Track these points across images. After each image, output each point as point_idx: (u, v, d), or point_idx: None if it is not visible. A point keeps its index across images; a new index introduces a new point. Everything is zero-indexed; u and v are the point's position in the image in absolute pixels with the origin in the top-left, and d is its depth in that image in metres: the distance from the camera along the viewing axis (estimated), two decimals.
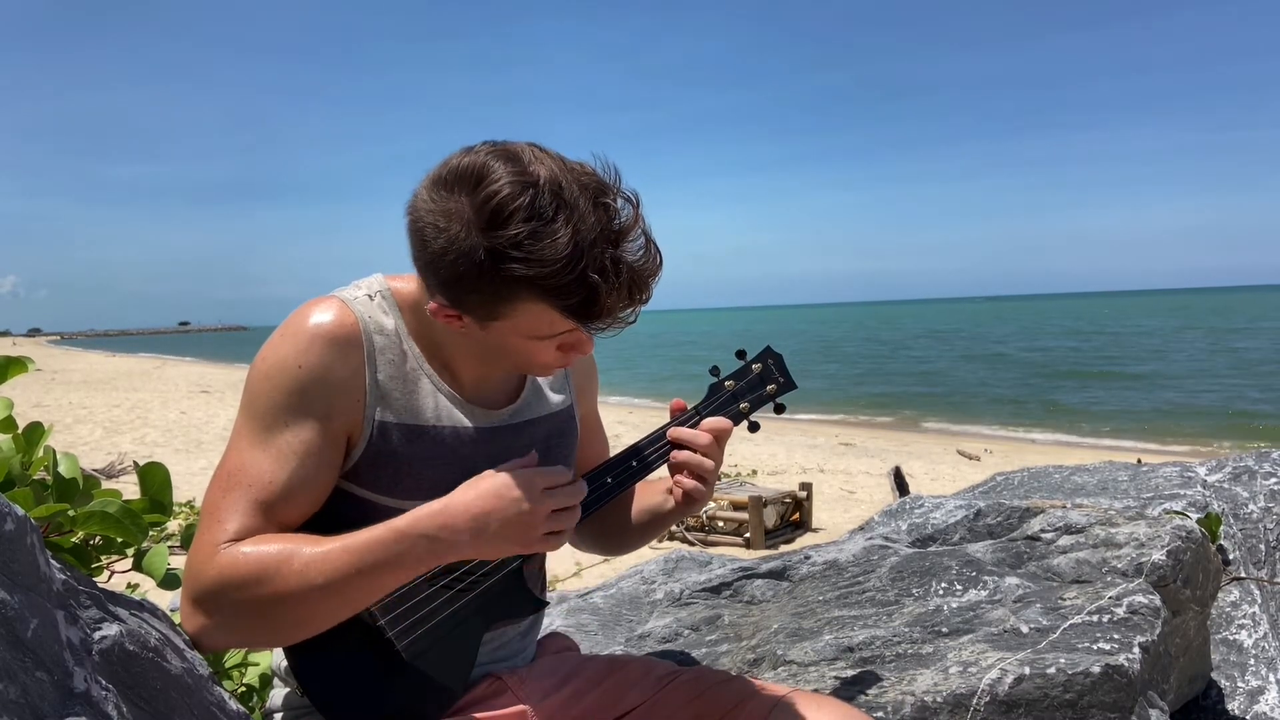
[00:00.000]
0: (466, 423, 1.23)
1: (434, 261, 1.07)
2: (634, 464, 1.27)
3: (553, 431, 1.33)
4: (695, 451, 1.25)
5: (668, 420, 1.30)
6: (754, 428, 1.35)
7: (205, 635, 1.08)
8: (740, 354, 1.35)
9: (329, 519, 1.15)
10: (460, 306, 1.10)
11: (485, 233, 1.02)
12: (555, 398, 1.37)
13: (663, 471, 1.31)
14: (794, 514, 9.56)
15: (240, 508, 1.09)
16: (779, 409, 1.36)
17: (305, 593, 1.04)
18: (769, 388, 1.34)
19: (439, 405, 1.21)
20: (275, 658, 1.27)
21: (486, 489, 1.08)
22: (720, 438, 1.27)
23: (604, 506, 1.42)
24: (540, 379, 1.36)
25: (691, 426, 1.29)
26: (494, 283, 1.04)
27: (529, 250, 1.01)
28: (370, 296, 1.21)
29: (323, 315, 1.15)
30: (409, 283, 1.24)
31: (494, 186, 1.02)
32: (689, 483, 1.26)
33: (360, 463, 1.16)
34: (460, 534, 1.06)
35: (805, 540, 8.97)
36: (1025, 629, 1.57)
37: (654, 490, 1.38)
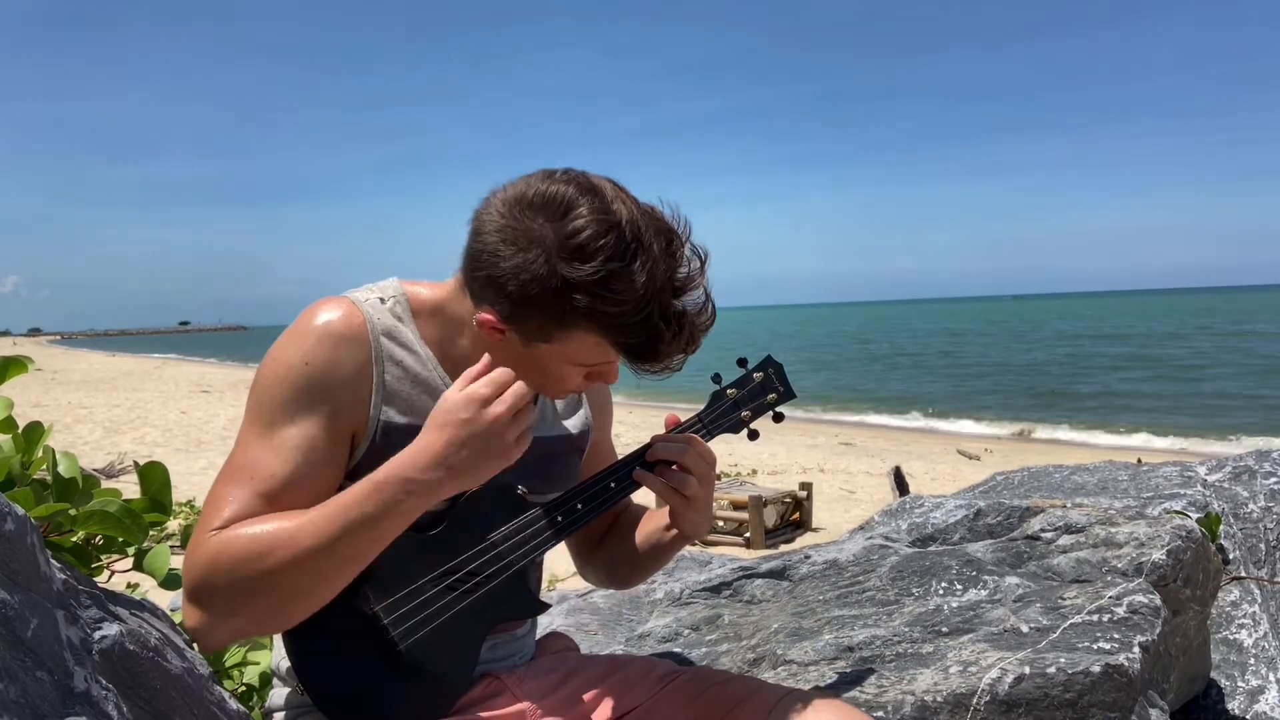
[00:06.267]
0: None
1: (503, 278, 1.09)
2: (611, 485, 1.26)
3: (556, 452, 1.33)
4: (680, 464, 1.25)
5: (663, 431, 1.30)
6: (754, 435, 1.36)
7: (207, 628, 1.06)
8: (741, 362, 1.37)
9: None
10: (515, 323, 1.12)
11: (566, 263, 1.06)
12: (567, 421, 1.37)
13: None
14: (794, 514, 9.56)
15: (239, 497, 1.09)
16: (778, 418, 1.39)
17: (298, 560, 1.04)
18: (769, 396, 1.36)
19: None
20: (275, 657, 1.27)
21: (439, 420, 1.08)
22: (708, 458, 1.26)
23: (614, 538, 1.44)
24: (557, 402, 1.37)
25: (697, 432, 1.30)
26: (560, 311, 1.08)
27: (605, 287, 1.06)
28: (382, 300, 1.21)
29: (330, 314, 1.16)
30: (430, 289, 1.24)
31: (580, 222, 1.06)
32: (670, 499, 1.26)
33: (363, 462, 1.17)
34: (434, 470, 1.05)
35: (805, 540, 8.97)
36: (1025, 628, 1.57)
37: (656, 521, 1.38)
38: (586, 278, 1.05)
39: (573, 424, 1.38)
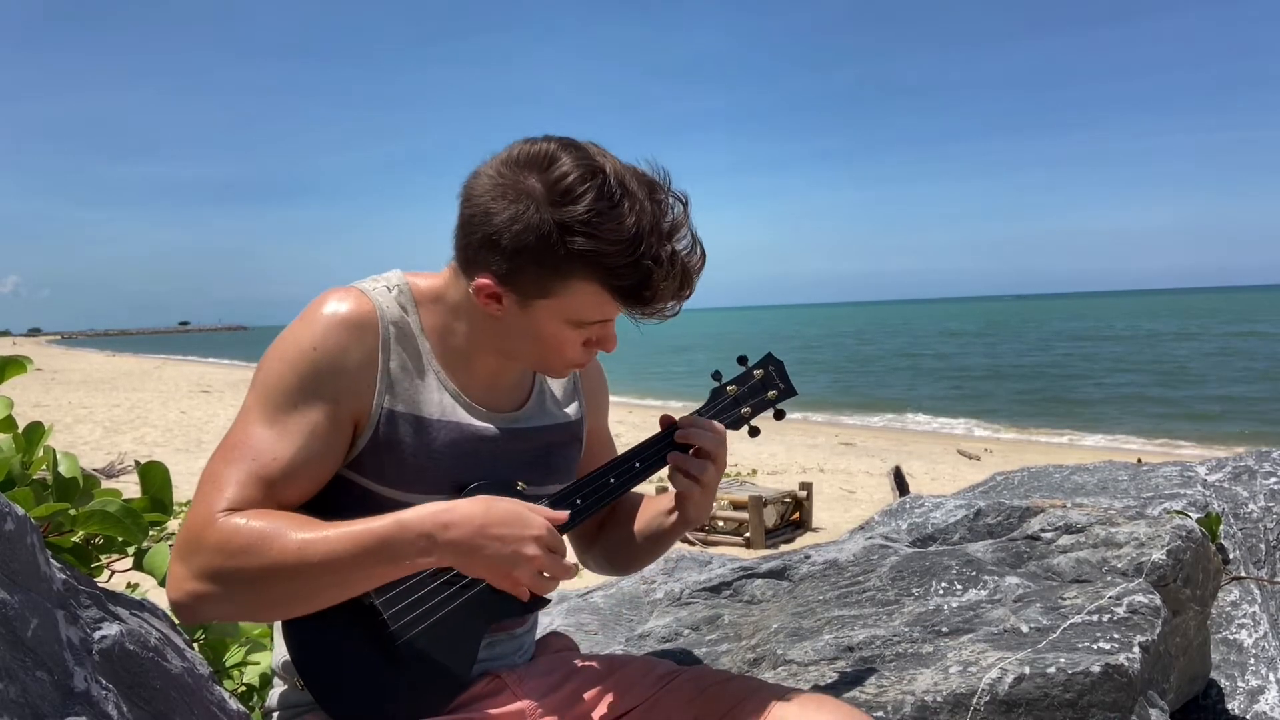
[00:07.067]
0: (470, 422, 1.24)
1: (498, 232, 1.11)
2: (636, 464, 1.27)
3: (555, 442, 1.34)
4: (702, 449, 1.27)
5: (655, 433, 1.30)
6: (754, 433, 1.36)
7: (194, 603, 1.06)
8: (742, 360, 1.36)
9: (329, 507, 1.15)
10: (512, 280, 1.13)
11: (555, 208, 1.09)
12: (565, 410, 1.38)
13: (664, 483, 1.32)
14: (794, 514, 9.57)
15: (241, 478, 1.09)
16: (779, 415, 1.38)
17: (299, 569, 1.04)
18: (770, 393, 1.36)
19: (444, 402, 1.22)
20: (275, 655, 1.27)
21: (501, 510, 1.10)
22: (725, 445, 1.29)
23: (613, 524, 1.44)
24: (552, 389, 1.38)
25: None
26: (555, 257, 1.09)
27: (595, 227, 1.08)
28: (388, 289, 1.23)
29: (340, 302, 1.17)
30: (428, 279, 1.26)
31: (565, 168, 1.10)
32: (684, 483, 1.27)
33: (365, 451, 1.17)
34: (457, 540, 1.07)
35: (805, 540, 8.97)
36: (1025, 628, 1.57)
37: (656, 507, 1.39)
38: (577, 218, 1.08)
39: (568, 411, 1.38)
